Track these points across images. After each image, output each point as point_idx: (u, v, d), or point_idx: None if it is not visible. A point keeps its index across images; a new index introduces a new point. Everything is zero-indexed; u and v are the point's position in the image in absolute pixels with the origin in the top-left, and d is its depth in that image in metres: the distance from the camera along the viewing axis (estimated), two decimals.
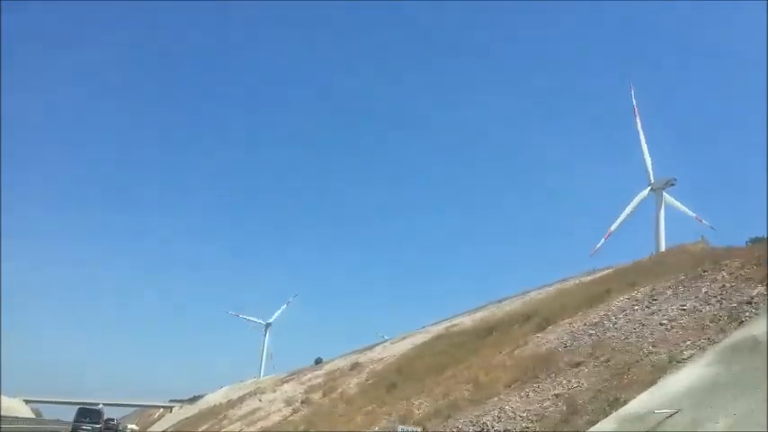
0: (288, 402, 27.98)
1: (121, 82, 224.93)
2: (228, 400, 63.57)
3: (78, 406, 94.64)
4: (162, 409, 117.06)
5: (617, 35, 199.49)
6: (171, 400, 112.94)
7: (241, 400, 49.13)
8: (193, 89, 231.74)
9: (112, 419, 67.09)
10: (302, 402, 25.86)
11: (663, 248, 53.57)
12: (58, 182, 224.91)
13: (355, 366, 33.23)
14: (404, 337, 41.60)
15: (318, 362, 66.75)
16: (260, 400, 36.88)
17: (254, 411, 32.56)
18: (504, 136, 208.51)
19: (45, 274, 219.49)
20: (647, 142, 58.19)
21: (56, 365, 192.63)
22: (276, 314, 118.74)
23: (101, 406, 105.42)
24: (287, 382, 48.48)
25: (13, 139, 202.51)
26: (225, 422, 37.52)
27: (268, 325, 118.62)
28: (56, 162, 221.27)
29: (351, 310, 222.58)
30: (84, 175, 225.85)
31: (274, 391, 39.22)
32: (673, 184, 58.40)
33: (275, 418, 27.42)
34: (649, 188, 59.08)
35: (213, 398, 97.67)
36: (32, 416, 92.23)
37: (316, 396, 27.94)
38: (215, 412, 55.29)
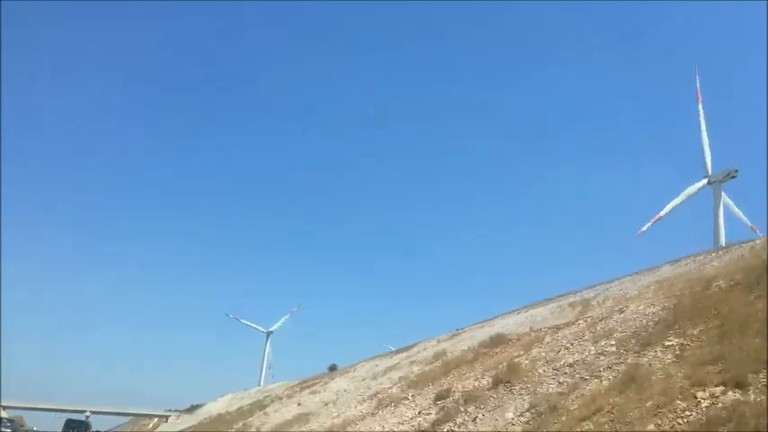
0: (382, 401, 20.31)
1: (123, 84, 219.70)
2: (238, 409, 57.46)
3: (63, 413, 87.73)
4: (156, 419, 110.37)
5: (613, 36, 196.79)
6: (167, 410, 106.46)
7: (260, 406, 42.79)
8: (195, 89, 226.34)
9: None
10: (442, 400, 16.16)
11: (723, 244, 48.46)
12: (57, 184, 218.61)
13: (498, 342, 21.72)
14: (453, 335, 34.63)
15: (333, 368, 61.29)
16: (298, 404, 30.30)
17: (301, 417, 24.93)
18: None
19: (31, 275, 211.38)
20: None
21: (39, 369, 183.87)
22: (278, 323, 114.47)
23: (88, 414, 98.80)
24: (309, 386, 42.54)
25: (14, 140, 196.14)
26: None
27: (269, 333, 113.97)
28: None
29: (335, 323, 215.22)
30: (79, 173, 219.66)
31: (314, 393, 32.39)
32: (734, 177, 53.43)
33: (385, 427, 16.43)
34: (705, 181, 54.33)
35: (215, 407, 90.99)
36: None
37: (466, 384, 16.96)
38: (225, 421, 49.06)
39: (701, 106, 53.19)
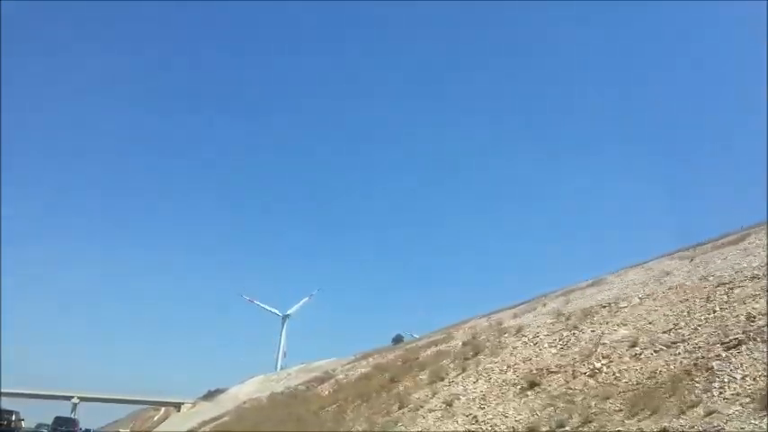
0: None
1: (122, 85, 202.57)
2: (329, 373, 38.10)
3: (45, 400, 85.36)
4: (163, 410, 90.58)
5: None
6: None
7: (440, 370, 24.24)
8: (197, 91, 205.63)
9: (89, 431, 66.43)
10: None
11: None
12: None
13: None
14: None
15: (398, 340, 55.62)
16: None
17: None
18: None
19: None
20: None
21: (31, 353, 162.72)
22: (295, 307, 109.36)
23: (76, 401, 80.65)
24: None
25: (13, 142, 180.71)
26: None
27: (286, 316, 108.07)
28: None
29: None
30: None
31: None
32: None
33: None
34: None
35: (242, 391, 72.50)
36: None
37: None
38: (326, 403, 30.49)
39: None
